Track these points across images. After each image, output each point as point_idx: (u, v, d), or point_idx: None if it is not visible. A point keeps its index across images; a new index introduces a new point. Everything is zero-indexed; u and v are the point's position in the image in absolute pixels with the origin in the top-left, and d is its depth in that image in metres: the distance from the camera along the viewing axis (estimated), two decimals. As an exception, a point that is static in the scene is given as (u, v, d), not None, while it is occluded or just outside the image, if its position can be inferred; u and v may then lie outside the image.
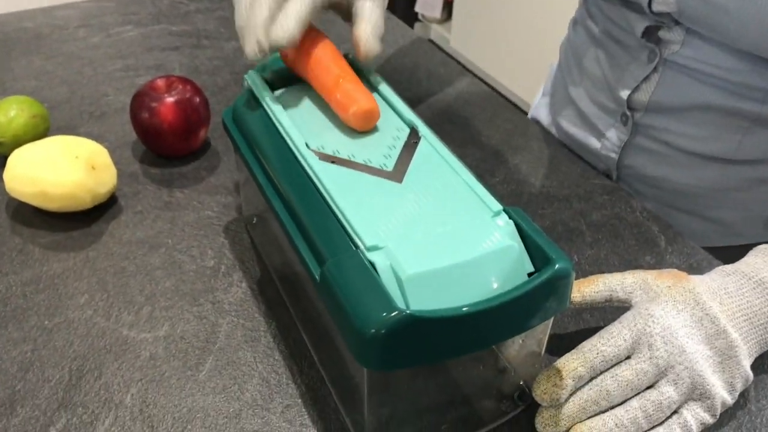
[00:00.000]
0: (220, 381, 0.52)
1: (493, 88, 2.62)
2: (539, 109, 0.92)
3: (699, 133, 0.68)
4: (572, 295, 0.52)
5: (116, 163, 0.72)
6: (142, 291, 0.59)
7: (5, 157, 0.66)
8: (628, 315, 0.50)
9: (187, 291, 0.59)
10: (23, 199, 0.64)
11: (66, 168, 0.62)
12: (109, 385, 0.52)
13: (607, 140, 0.76)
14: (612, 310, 0.56)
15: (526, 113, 0.88)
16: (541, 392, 0.47)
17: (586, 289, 0.52)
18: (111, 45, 0.95)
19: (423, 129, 0.52)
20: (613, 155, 0.76)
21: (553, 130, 0.87)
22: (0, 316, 0.56)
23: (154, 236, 0.64)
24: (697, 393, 0.47)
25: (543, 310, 0.42)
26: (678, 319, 0.48)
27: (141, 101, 0.70)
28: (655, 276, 0.51)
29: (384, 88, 0.57)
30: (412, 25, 2.97)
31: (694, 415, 0.47)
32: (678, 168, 0.72)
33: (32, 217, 0.66)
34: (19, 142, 0.69)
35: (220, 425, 0.49)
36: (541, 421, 0.48)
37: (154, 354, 0.54)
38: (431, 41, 2.99)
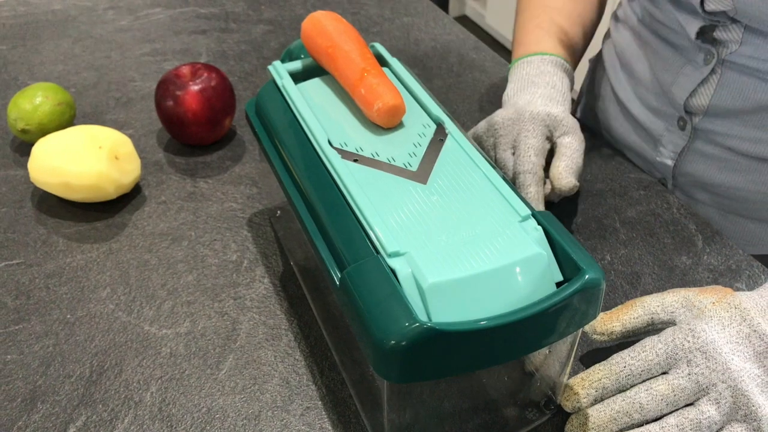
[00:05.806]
0: (240, 381, 0.51)
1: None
2: (586, 112, 0.85)
3: (765, 135, 0.64)
4: (612, 325, 0.50)
5: (141, 151, 0.72)
6: (164, 285, 0.58)
7: (31, 146, 0.66)
8: (668, 330, 0.47)
9: (209, 286, 0.58)
10: (47, 190, 0.64)
11: (89, 159, 0.62)
12: (129, 383, 0.51)
13: (663, 147, 0.72)
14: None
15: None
16: (564, 398, 0.48)
17: (625, 317, 0.50)
18: (139, 28, 0.94)
19: (450, 125, 0.50)
20: (669, 162, 0.72)
21: (604, 134, 0.82)
22: (24, 309, 0.56)
23: (177, 228, 0.64)
24: (741, 414, 0.44)
25: (572, 323, 0.41)
26: (723, 335, 0.46)
27: (165, 89, 0.69)
28: (697, 292, 0.49)
29: (410, 79, 0.55)
30: (447, 1, 2.92)
31: None
32: (741, 173, 0.68)
33: (57, 207, 0.65)
34: (44, 130, 0.69)
35: (239, 427, 0.49)
36: (570, 428, 0.47)
37: (174, 351, 0.53)
38: (466, 17, 2.93)
